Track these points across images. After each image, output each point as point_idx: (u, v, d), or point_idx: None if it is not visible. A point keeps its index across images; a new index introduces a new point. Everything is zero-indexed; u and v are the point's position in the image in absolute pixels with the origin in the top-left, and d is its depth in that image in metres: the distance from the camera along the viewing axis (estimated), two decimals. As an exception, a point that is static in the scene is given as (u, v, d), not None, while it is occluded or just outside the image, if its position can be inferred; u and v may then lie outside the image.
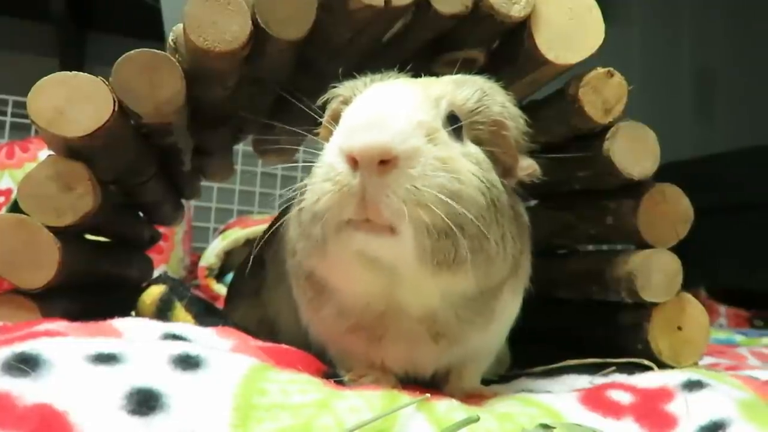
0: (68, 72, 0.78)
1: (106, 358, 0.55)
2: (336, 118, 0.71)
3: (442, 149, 0.63)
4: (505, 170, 0.72)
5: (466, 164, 0.65)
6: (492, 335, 0.78)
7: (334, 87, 0.77)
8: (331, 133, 0.68)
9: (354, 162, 0.59)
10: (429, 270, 0.62)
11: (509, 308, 0.78)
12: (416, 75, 0.76)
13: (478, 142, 0.70)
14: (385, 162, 0.59)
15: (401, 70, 0.78)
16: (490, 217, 0.65)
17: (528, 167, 0.74)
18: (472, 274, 0.65)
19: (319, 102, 0.77)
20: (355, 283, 0.67)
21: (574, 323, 1.13)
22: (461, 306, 0.69)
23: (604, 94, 0.89)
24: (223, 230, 2.50)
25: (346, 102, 0.73)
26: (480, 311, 0.71)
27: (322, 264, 0.68)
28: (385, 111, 0.61)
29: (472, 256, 0.62)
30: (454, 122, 0.68)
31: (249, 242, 2.28)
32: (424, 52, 0.97)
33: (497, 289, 0.72)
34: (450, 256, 0.62)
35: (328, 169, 0.62)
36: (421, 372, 0.74)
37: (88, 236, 1.03)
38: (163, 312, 0.96)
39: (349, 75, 0.77)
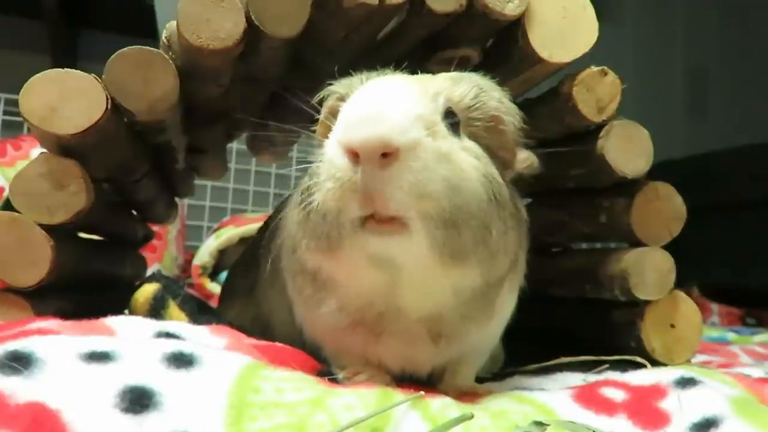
0: (60, 69, 0.78)
1: (99, 357, 0.55)
2: (333, 115, 0.70)
3: (441, 143, 0.63)
4: (503, 165, 0.72)
5: (466, 158, 0.65)
6: (490, 331, 0.78)
7: (330, 84, 0.76)
8: (328, 129, 0.67)
9: (355, 156, 0.59)
10: (441, 264, 0.62)
11: (507, 304, 0.78)
12: (412, 73, 0.76)
13: (475, 138, 0.70)
14: (387, 155, 0.58)
15: (396, 68, 0.78)
16: (492, 210, 0.65)
17: (526, 159, 0.74)
18: (478, 268, 0.65)
19: (315, 99, 0.77)
20: (365, 282, 0.66)
21: (568, 321, 1.13)
22: (466, 302, 0.69)
23: (597, 93, 0.89)
24: (217, 229, 2.49)
25: (342, 99, 0.72)
26: (482, 307, 0.71)
27: (329, 262, 0.67)
28: (384, 104, 0.61)
29: (477, 250, 0.63)
30: (451, 118, 0.68)
31: (243, 241, 2.28)
32: (418, 50, 0.97)
33: (499, 284, 0.72)
34: (458, 247, 0.62)
35: (329, 166, 0.62)
36: (419, 370, 0.74)
37: (81, 234, 1.03)
38: (156, 310, 0.96)
39: (343, 73, 0.76)
